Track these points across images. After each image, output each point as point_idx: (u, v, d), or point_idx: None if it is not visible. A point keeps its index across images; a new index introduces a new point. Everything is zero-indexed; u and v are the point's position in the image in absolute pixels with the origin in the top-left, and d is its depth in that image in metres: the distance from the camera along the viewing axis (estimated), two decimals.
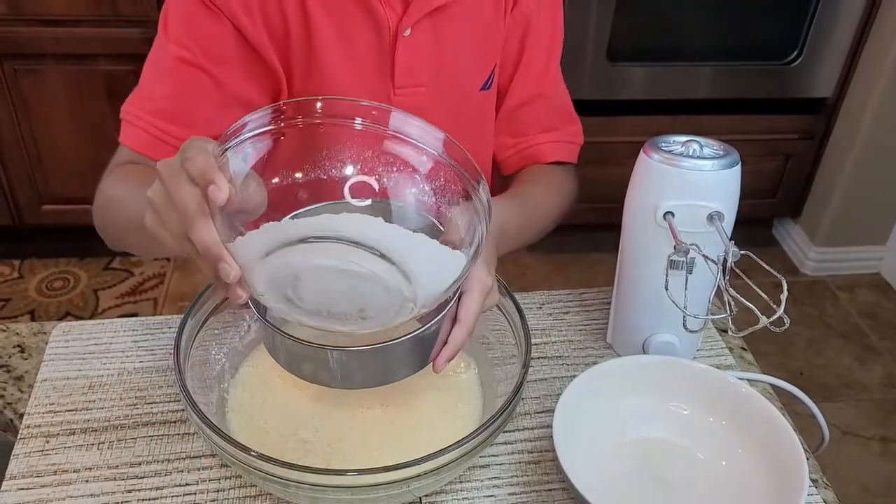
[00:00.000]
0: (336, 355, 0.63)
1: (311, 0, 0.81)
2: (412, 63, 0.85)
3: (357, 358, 0.63)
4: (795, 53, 2.05)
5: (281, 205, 0.56)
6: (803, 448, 0.69)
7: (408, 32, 0.82)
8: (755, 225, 2.46)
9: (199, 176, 0.52)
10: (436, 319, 0.63)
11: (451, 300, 0.64)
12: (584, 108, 2.23)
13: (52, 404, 0.79)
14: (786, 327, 0.65)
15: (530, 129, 0.95)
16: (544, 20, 0.92)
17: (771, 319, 0.65)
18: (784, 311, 0.65)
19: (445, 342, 0.66)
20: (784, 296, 0.65)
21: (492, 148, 0.98)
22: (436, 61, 0.86)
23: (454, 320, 0.66)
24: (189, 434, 0.76)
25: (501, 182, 1.01)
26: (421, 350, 0.65)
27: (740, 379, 0.77)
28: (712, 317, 0.75)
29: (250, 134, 0.56)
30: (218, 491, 0.71)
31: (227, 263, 0.54)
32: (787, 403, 0.81)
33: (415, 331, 0.63)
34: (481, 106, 0.93)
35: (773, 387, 0.84)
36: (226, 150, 0.55)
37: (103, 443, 0.75)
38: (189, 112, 0.82)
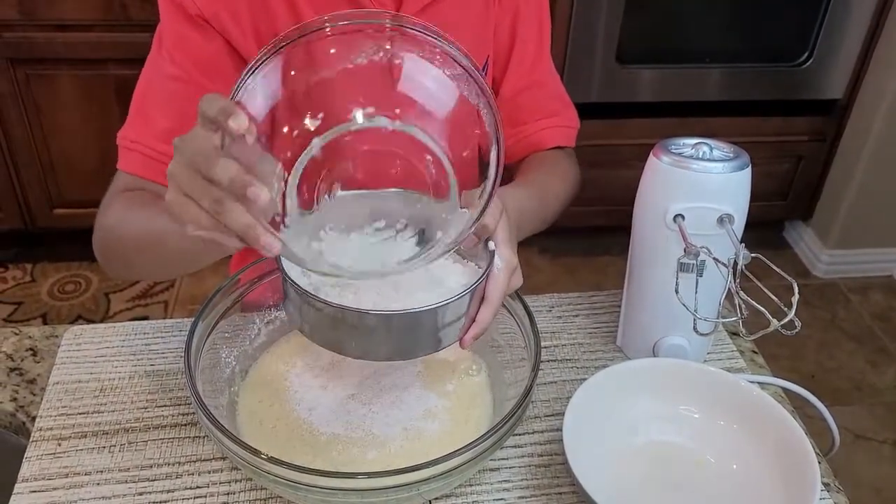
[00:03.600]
0: (365, 319, 0.62)
1: (301, 4, 0.80)
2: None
3: (386, 323, 0.62)
4: (806, 55, 2.04)
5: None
6: (815, 451, 0.69)
7: None
8: (766, 227, 2.45)
9: (218, 113, 0.51)
10: (464, 291, 0.63)
11: (477, 281, 0.64)
12: (593, 110, 2.23)
13: (64, 407, 0.79)
14: (797, 330, 0.64)
15: (529, 118, 0.95)
16: (532, 6, 0.92)
17: (782, 323, 0.65)
18: (795, 314, 0.64)
19: (473, 320, 0.66)
20: (795, 299, 0.64)
21: None
22: None
23: (482, 299, 0.66)
24: (199, 437, 0.76)
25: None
26: (447, 325, 0.65)
27: (751, 382, 0.77)
28: (723, 320, 0.75)
29: (257, 73, 0.57)
30: (228, 494, 0.71)
31: (255, 186, 0.51)
32: (799, 407, 0.81)
33: (444, 300, 0.62)
34: None
35: (785, 390, 0.83)
36: (237, 91, 0.56)
37: (114, 446, 0.75)
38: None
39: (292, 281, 0.63)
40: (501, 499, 0.72)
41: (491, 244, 0.67)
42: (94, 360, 0.85)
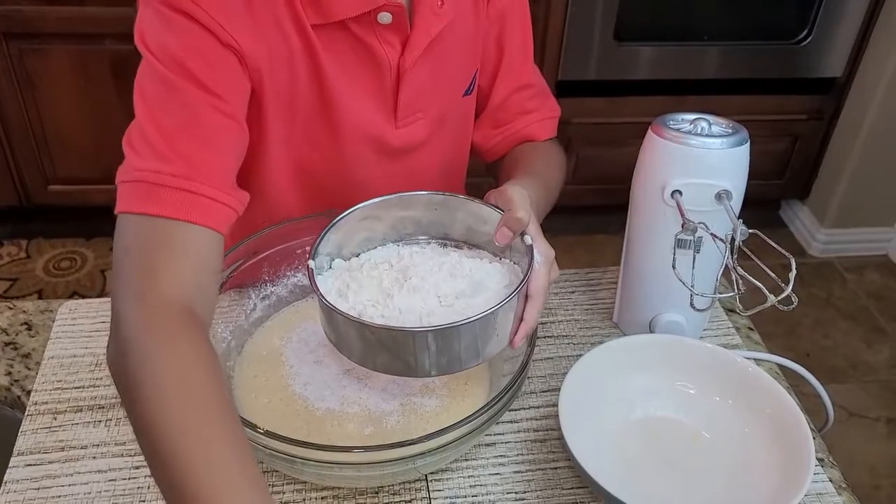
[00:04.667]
0: (418, 337, 0.61)
1: (319, 49, 0.74)
2: (414, 96, 0.82)
3: (440, 337, 0.62)
4: (805, 32, 2.02)
5: None
6: (810, 428, 0.69)
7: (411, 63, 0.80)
8: (762, 207, 2.44)
9: None
10: (508, 297, 0.63)
11: (523, 281, 0.65)
12: (591, 88, 2.22)
13: (59, 381, 0.79)
14: (794, 306, 0.64)
15: (515, 117, 0.94)
16: (515, 12, 0.90)
17: (779, 298, 0.65)
18: (792, 290, 0.64)
19: (521, 319, 0.67)
20: (792, 274, 0.64)
21: (469, 145, 0.97)
22: (433, 88, 0.84)
23: (526, 297, 0.67)
24: None
25: (472, 167, 1.00)
26: (498, 329, 0.65)
27: (747, 358, 0.77)
28: (720, 296, 0.75)
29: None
30: None
31: None
32: (794, 384, 0.81)
33: (489, 309, 0.62)
34: (464, 111, 0.92)
35: (780, 367, 0.84)
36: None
37: (110, 420, 0.75)
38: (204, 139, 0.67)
39: (339, 311, 0.62)
40: (497, 473, 0.72)
41: (527, 239, 0.67)
42: (89, 335, 0.84)
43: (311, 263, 0.66)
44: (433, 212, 0.73)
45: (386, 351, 0.63)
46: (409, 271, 0.68)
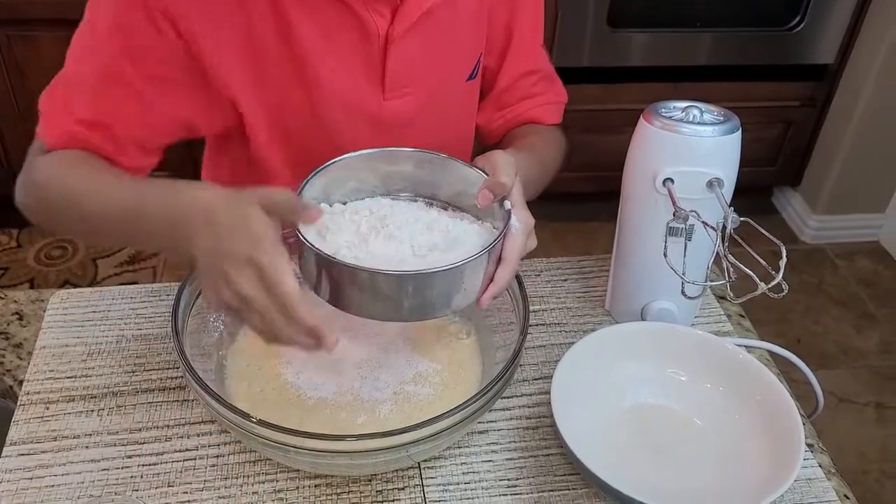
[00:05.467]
0: (385, 279, 0.61)
1: (292, 11, 0.75)
2: (403, 68, 0.82)
3: (404, 283, 0.62)
4: (797, 19, 2.02)
5: None
6: (800, 413, 0.70)
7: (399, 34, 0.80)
8: (754, 193, 2.45)
9: (314, 333, 0.60)
10: (482, 251, 0.63)
11: (496, 240, 0.64)
12: (584, 75, 2.21)
13: (52, 371, 0.79)
14: (784, 293, 0.65)
15: (519, 100, 0.94)
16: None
17: (770, 285, 0.65)
18: (783, 277, 0.65)
19: (491, 280, 0.66)
20: (783, 262, 0.64)
21: (473, 128, 0.97)
22: (425, 63, 0.84)
23: (499, 259, 0.66)
24: (188, 400, 0.77)
25: (480, 151, 1.00)
26: (466, 284, 0.64)
27: (738, 345, 0.77)
28: (711, 283, 0.75)
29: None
30: (217, 456, 0.72)
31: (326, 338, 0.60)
32: (785, 370, 0.82)
33: (463, 260, 0.62)
34: (466, 95, 0.92)
35: (771, 353, 0.84)
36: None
37: (103, 409, 0.75)
38: (112, 127, 0.76)
39: (313, 246, 0.62)
40: (490, 460, 0.72)
41: (507, 204, 0.67)
42: (80, 325, 0.84)
43: (305, 236, 0.65)
44: (422, 170, 0.73)
45: (356, 290, 0.63)
46: (388, 219, 0.68)
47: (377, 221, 0.68)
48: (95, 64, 0.74)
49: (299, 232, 0.63)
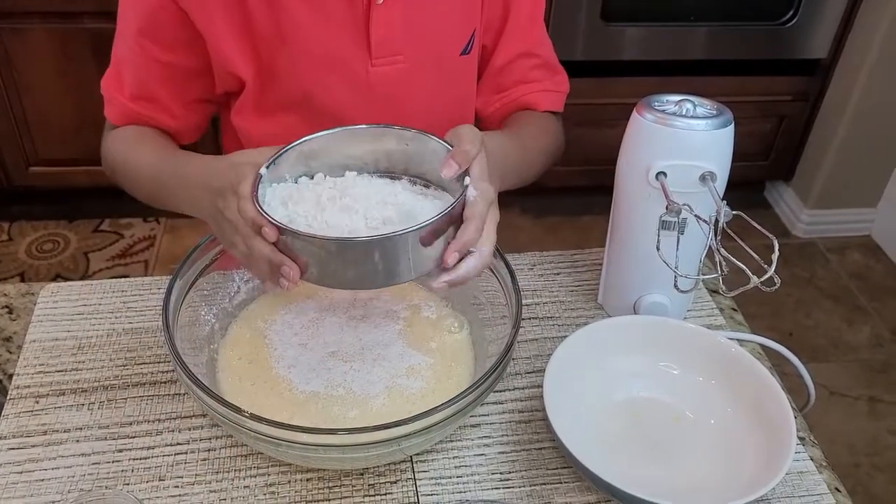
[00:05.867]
0: (343, 246, 0.62)
1: None
2: (388, 33, 0.83)
3: (365, 248, 0.62)
4: (791, 14, 2.02)
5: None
6: (791, 407, 0.70)
7: (380, 1, 0.81)
8: (747, 188, 2.45)
9: (253, 224, 0.63)
10: (417, 226, 0.62)
11: (438, 216, 0.63)
12: (578, 69, 2.21)
13: (42, 365, 0.79)
14: (776, 287, 0.65)
15: (516, 84, 0.94)
16: None
17: (762, 279, 0.65)
18: (775, 271, 0.65)
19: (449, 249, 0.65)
20: (775, 255, 0.64)
21: (472, 110, 0.97)
22: (412, 30, 0.84)
23: (459, 223, 0.65)
24: (180, 394, 0.76)
25: None
26: (427, 248, 0.63)
27: (730, 339, 0.77)
28: (703, 277, 0.75)
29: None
30: (209, 450, 0.71)
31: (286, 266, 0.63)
32: (777, 364, 0.82)
33: (415, 226, 0.61)
34: (461, 71, 0.92)
35: (763, 347, 0.84)
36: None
37: (93, 403, 0.75)
38: (154, 95, 0.87)
39: (264, 212, 0.63)
40: (482, 454, 0.72)
41: (466, 179, 0.66)
42: (71, 318, 0.84)
43: (263, 170, 0.66)
44: (400, 146, 0.72)
45: (304, 256, 0.63)
46: (347, 192, 0.68)
47: (337, 193, 0.68)
48: (126, 45, 0.85)
49: (258, 203, 0.63)
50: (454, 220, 0.64)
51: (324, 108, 0.86)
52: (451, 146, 0.68)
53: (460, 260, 0.65)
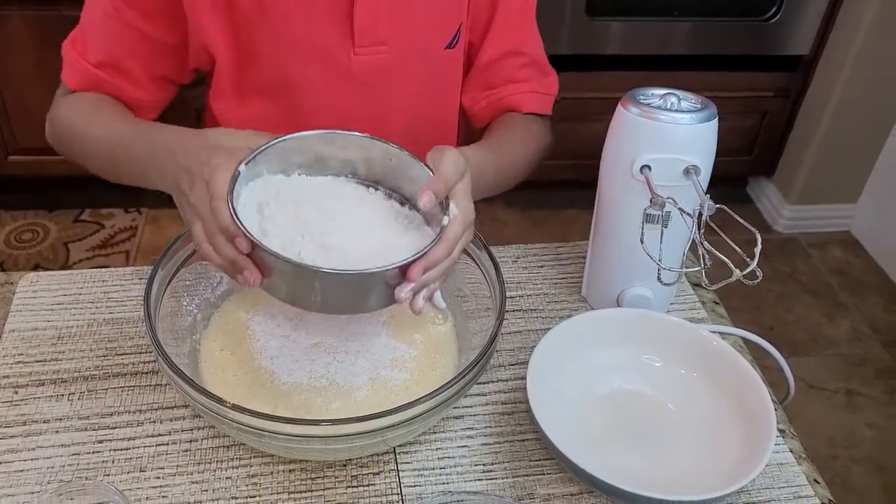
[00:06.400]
0: (315, 275, 0.61)
1: None
2: (373, 22, 0.83)
3: (336, 280, 0.61)
4: (774, 10, 2.03)
5: None
6: (772, 399, 0.70)
7: None
8: (730, 183, 2.47)
9: (225, 231, 0.62)
10: (414, 256, 0.62)
11: (431, 244, 0.64)
12: (562, 62, 2.21)
13: (21, 355, 0.78)
14: (758, 280, 0.65)
15: (504, 82, 0.94)
16: None
17: (744, 272, 0.66)
18: (757, 265, 0.65)
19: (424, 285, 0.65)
20: (757, 249, 0.65)
21: (457, 106, 0.96)
22: (397, 20, 0.84)
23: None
24: (161, 385, 0.76)
25: (471, 136, 1.00)
26: (390, 287, 0.64)
27: (712, 332, 0.78)
28: (686, 270, 0.76)
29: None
30: (191, 441, 0.71)
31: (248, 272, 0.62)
32: (758, 357, 0.82)
33: (389, 265, 0.62)
34: (446, 65, 0.91)
35: (744, 340, 0.85)
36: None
37: (73, 393, 0.74)
38: (122, 64, 0.85)
39: (238, 219, 0.62)
40: (465, 446, 0.73)
41: (445, 220, 0.65)
42: (51, 308, 0.83)
43: (241, 168, 0.64)
44: (388, 161, 0.71)
45: (276, 275, 0.63)
46: (327, 211, 0.67)
47: (317, 215, 0.67)
48: (100, 9, 0.83)
49: (233, 208, 0.62)
50: None
51: (304, 95, 0.86)
52: (433, 171, 0.67)
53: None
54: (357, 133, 0.70)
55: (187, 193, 0.66)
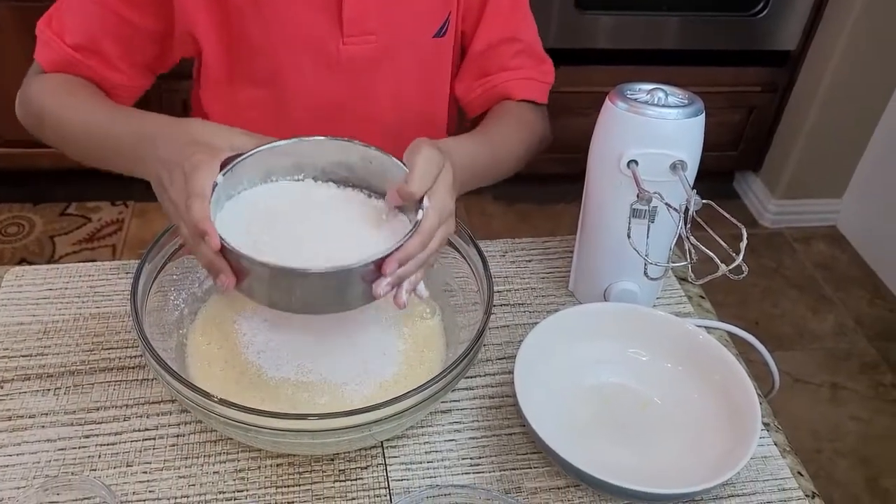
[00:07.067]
0: (284, 275, 0.61)
1: None
2: (361, 11, 0.82)
3: (309, 278, 0.61)
4: (762, 5, 2.04)
5: None
6: (757, 393, 0.71)
7: None
8: (716, 178, 2.48)
9: (195, 228, 0.61)
10: (387, 252, 0.62)
11: (404, 238, 0.63)
12: (550, 56, 2.21)
13: (6, 350, 0.77)
14: (744, 275, 0.66)
15: (498, 70, 0.94)
16: None
17: (730, 267, 0.66)
18: (743, 259, 0.65)
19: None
20: (743, 244, 0.65)
21: (447, 95, 0.96)
22: (385, 9, 0.84)
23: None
24: (148, 380, 0.75)
25: (463, 127, 1.00)
26: (366, 283, 0.63)
27: (698, 326, 0.78)
28: (673, 265, 0.76)
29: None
30: (178, 436, 0.71)
31: (224, 275, 0.62)
32: (743, 351, 0.83)
33: (362, 262, 0.61)
34: (434, 54, 0.91)
35: (730, 335, 0.85)
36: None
37: (59, 388, 0.74)
38: (101, 49, 0.83)
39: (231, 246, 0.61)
40: (452, 440, 0.73)
41: (420, 213, 0.64)
42: (36, 302, 0.82)
43: (219, 179, 0.64)
44: (368, 164, 0.71)
45: (250, 277, 0.62)
46: (307, 216, 0.68)
47: (291, 212, 0.68)
48: None
49: (209, 197, 0.62)
50: None
51: (293, 84, 0.86)
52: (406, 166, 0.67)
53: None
54: (336, 138, 0.70)
55: (167, 188, 0.65)
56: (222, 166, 0.64)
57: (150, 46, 0.85)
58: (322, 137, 0.70)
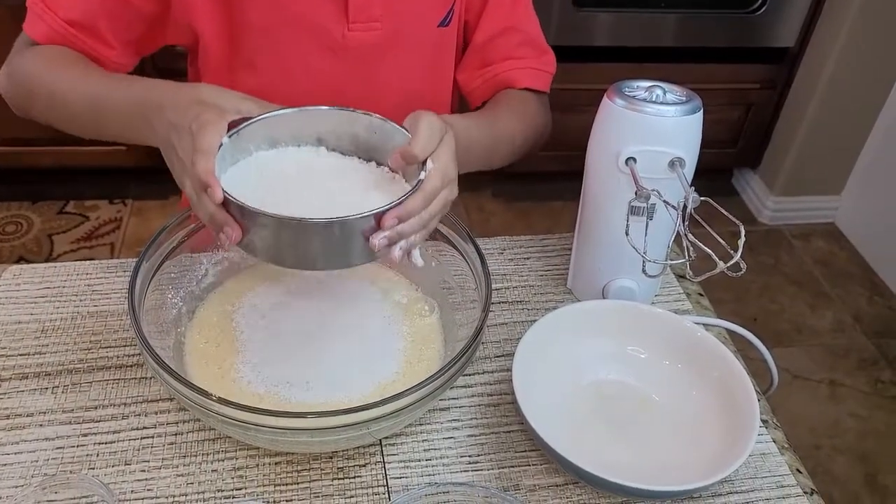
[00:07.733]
0: (284, 225, 0.61)
1: None
2: (366, 0, 0.83)
3: (309, 229, 0.61)
4: (760, 2, 2.04)
5: None
6: (755, 390, 0.71)
7: None
8: (715, 175, 2.48)
9: (198, 181, 0.61)
10: (389, 205, 0.62)
11: (407, 194, 0.63)
12: None
13: (4, 348, 0.77)
14: (742, 272, 0.66)
15: (501, 60, 0.94)
16: None
17: (728, 264, 0.66)
18: (741, 257, 0.65)
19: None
20: (741, 241, 0.65)
21: (451, 84, 0.97)
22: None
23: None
24: (146, 378, 0.75)
25: None
26: (343, 241, 0.63)
27: (696, 323, 0.78)
28: (671, 262, 0.76)
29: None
30: (176, 434, 0.71)
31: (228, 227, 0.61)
32: (741, 348, 0.83)
33: (363, 213, 0.61)
34: (439, 43, 0.91)
35: (728, 331, 0.85)
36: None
37: (57, 387, 0.74)
38: (96, 27, 0.83)
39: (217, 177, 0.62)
40: (451, 437, 0.73)
41: (422, 174, 0.65)
42: (34, 301, 0.82)
43: (225, 140, 0.64)
44: (373, 134, 0.71)
45: (253, 230, 0.63)
46: (312, 169, 0.69)
47: (301, 176, 0.68)
48: None
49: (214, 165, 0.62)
50: None
51: (297, 70, 0.86)
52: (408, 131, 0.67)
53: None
54: (339, 107, 0.70)
55: (176, 147, 0.65)
56: (229, 129, 0.65)
57: (142, 27, 0.85)
58: (327, 107, 0.70)
